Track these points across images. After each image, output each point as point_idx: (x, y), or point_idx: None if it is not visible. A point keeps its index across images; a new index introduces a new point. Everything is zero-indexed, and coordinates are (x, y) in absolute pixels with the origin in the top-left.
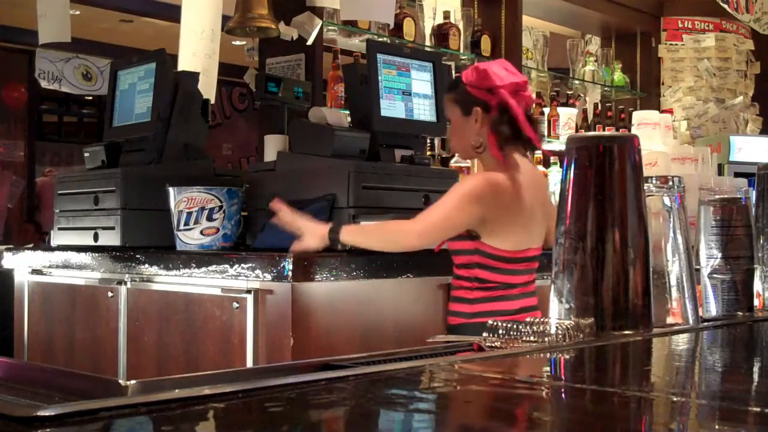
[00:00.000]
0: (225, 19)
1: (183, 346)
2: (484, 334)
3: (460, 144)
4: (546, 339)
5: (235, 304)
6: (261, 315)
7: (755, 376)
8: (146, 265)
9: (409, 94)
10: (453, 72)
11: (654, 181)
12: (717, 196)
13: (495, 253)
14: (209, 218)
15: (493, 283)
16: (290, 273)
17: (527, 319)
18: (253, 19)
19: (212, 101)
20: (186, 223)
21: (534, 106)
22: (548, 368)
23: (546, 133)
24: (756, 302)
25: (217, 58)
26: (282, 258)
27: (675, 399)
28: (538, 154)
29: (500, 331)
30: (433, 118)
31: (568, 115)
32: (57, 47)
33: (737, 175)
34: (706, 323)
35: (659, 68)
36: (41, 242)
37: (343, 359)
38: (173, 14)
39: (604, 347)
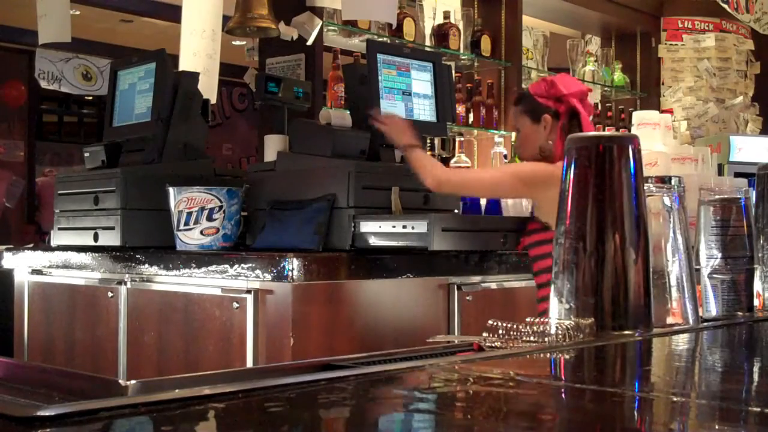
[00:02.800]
0: (225, 19)
1: (183, 346)
2: (484, 334)
3: (528, 150)
4: (546, 339)
5: (235, 304)
6: (261, 315)
7: (755, 376)
8: (146, 265)
9: (409, 94)
10: (453, 72)
11: (654, 181)
12: (717, 196)
13: None
14: (209, 218)
15: None
16: (290, 273)
17: (527, 319)
18: (253, 19)
19: (213, 101)
20: (186, 223)
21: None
22: (548, 368)
23: None
24: (756, 302)
25: (218, 57)
26: (282, 258)
27: (675, 399)
28: None
29: (500, 331)
30: (433, 118)
31: None
32: (57, 47)
33: (737, 175)
34: (706, 323)
35: (659, 68)
36: (41, 242)
37: (343, 359)
38: (173, 14)
39: (604, 347)
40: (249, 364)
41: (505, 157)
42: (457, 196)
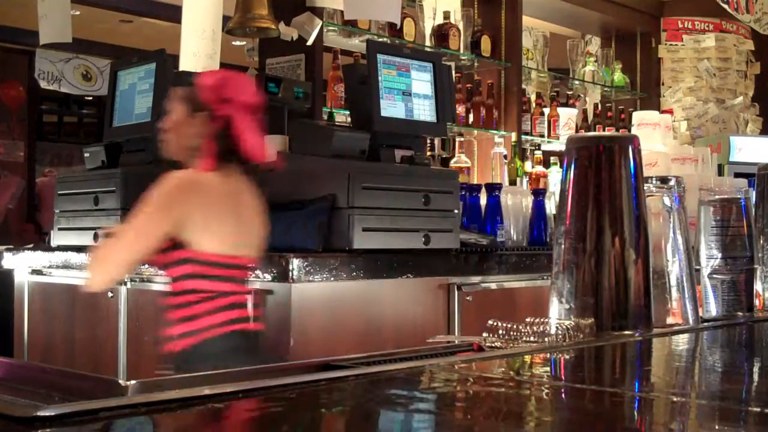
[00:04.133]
0: (225, 19)
1: None
2: (484, 334)
3: (176, 142)
4: (546, 339)
5: None
6: (261, 315)
7: (755, 376)
8: (146, 265)
9: (409, 95)
10: (453, 72)
11: (654, 181)
12: (717, 196)
13: (207, 258)
14: None
15: (210, 292)
16: (290, 273)
17: (527, 319)
18: (253, 20)
19: None
20: None
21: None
22: (548, 368)
23: (546, 134)
24: (756, 302)
25: (218, 58)
26: (282, 258)
27: (675, 399)
28: (538, 153)
29: (500, 331)
30: (433, 119)
31: (568, 116)
32: (57, 47)
33: (737, 175)
34: (706, 323)
35: (659, 68)
36: (41, 242)
37: (343, 359)
38: (173, 14)
39: (604, 347)
40: None
41: (505, 157)
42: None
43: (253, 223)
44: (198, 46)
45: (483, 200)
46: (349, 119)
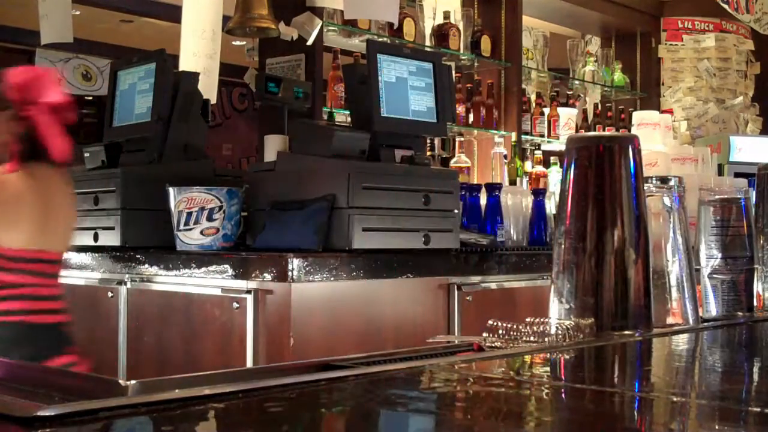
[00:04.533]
0: (225, 19)
1: (183, 346)
2: (484, 334)
3: None
4: (546, 339)
5: (235, 304)
6: (261, 315)
7: (755, 376)
8: (146, 265)
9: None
10: (453, 72)
11: (654, 181)
12: (717, 196)
13: (4, 252)
14: (209, 218)
15: (1, 282)
16: (290, 273)
17: (527, 319)
18: (253, 20)
19: (213, 101)
20: (186, 223)
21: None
22: (548, 368)
23: (546, 133)
24: (756, 302)
25: (218, 58)
26: (282, 258)
27: (675, 399)
28: (538, 153)
29: (500, 331)
30: (433, 119)
31: (568, 116)
32: (57, 47)
33: (737, 175)
34: (706, 323)
35: (659, 68)
36: None
37: (343, 359)
38: (173, 14)
39: (604, 347)
40: (249, 364)
41: (505, 157)
42: None
43: (60, 219)
44: (198, 46)
45: (483, 200)
46: (349, 119)
